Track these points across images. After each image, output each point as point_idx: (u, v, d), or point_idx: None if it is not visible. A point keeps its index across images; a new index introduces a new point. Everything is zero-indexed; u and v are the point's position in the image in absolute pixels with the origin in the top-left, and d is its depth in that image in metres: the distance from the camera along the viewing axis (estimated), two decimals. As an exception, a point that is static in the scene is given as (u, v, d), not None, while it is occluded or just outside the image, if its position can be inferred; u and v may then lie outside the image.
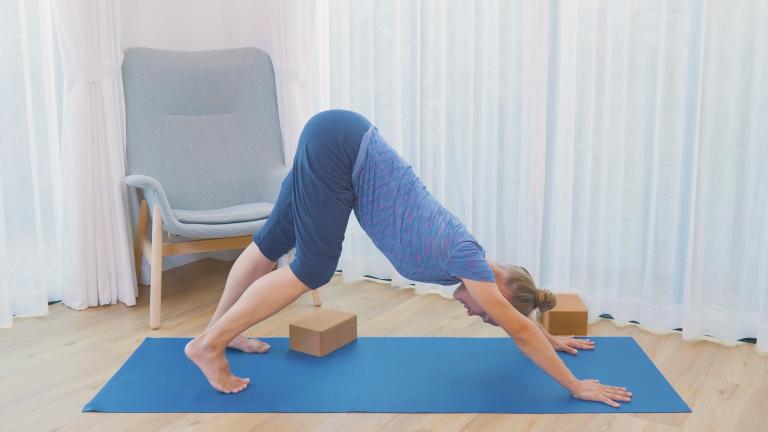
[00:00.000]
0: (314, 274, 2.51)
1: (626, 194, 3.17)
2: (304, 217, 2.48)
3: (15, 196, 3.32)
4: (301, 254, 2.51)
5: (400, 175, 2.51)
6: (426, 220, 2.49)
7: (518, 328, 2.41)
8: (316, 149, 2.45)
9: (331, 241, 2.49)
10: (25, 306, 3.30)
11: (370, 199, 2.51)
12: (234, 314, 2.51)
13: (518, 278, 2.59)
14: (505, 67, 3.36)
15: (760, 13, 2.79)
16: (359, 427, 2.31)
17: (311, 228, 2.47)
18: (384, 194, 2.50)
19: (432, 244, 2.47)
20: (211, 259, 4.26)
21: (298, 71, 3.68)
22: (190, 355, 2.53)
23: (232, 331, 2.51)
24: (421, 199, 2.52)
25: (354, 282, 3.82)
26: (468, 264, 2.44)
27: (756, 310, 2.98)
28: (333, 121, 2.49)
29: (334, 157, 2.44)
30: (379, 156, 2.49)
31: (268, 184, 3.63)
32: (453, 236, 2.47)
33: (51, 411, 2.43)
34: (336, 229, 2.49)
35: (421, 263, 2.51)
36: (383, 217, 2.51)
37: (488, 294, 2.43)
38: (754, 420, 2.36)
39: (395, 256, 2.54)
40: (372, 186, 2.49)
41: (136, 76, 3.49)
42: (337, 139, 2.45)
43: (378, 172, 2.48)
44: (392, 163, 2.51)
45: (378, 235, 2.55)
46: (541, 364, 2.43)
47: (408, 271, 2.56)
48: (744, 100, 2.89)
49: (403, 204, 2.50)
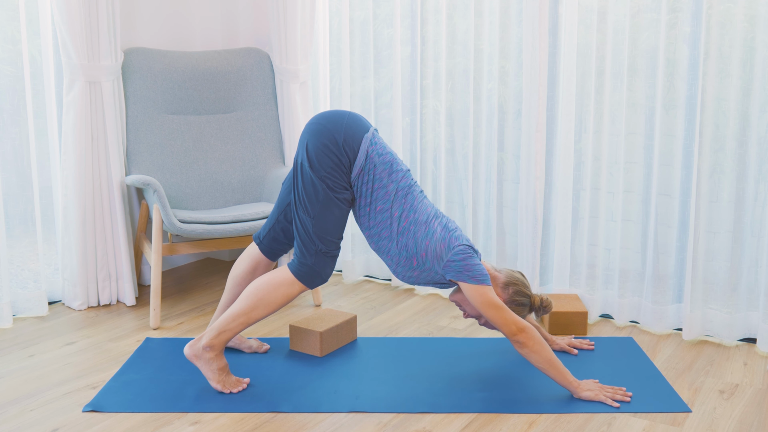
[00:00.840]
0: (312, 274, 2.51)
1: (626, 194, 3.17)
2: (303, 216, 2.48)
3: (15, 196, 3.32)
4: (299, 253, 2.51)
5: (398, 178, 2.51)
6: (422, 224, 2.49)
7: (515, 331, 2.41)
8: (316, 149, 2.45)
9: (329, 241, 2.49)
10: (25, 306, 3.30)
11: (368, 200, 2.51)
12: (232, 314, 2.51)
13: (515, 282, 2.58)
14: (505, 67, 3.36)
15: (760, 13, 2.79)
16: (359, 427, 2.31)
17: (310, 227, 2.47)
18: (382, 196, 2.49)
19: (428, 248, 2.47)
20: (211, 259, 4.26)
21: (298, 71, 3.68)
22: (189, 356, 2.53)
23: (231, 331, 2.51)
24: (418, 203, 2.52)
25: (354, 282, 3.82)
26: (464, 267, 2.43)
27: (756, 310, 2.98)
28: (334, 121, 2.48)
29: (334, 157, 2.44)
30: (378, 158, 2.49)
31: (268, 184, 3.63)
32: (449, 240, 2.47)
33: (51, 411, 2.43)
34: (335, 229, 2.49)
35: (417, 267, 2.51)
36: (380, 220, 2.51)
37: (485, 297, 2.42)
38: (754, 420, 2.36)
39: (391, 259, 2.54)
40: (370, 188, 2.49)
41: (136, 76, 3.49)
42: (338, 139, 2.45)
43: (377, 174, 2.48)
44: (391, 165, 2.51)
45: (374, 237, 2.55)
46: (540, 365, 2.43)
47: (404, 275, 2.56)
48: (744, 100, 2.89)
49: (400, 207, 2.50)
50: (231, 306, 2.54)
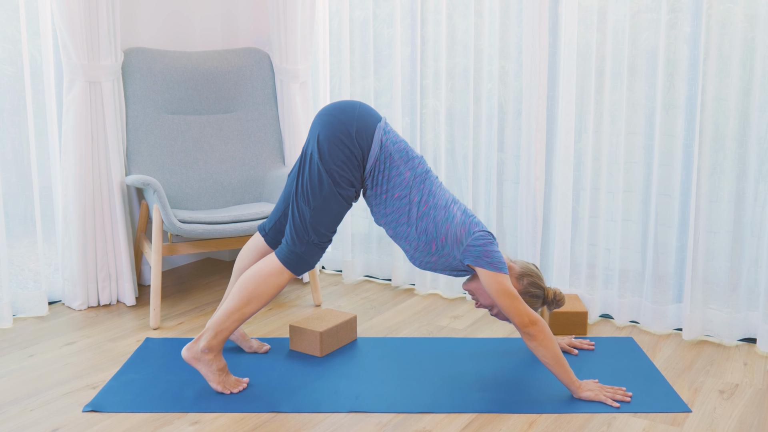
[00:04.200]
0: (300, 261, 2.51)
1: (626, 194, 3.17)
2: (302, 206, 2.47)
3: (15, 196, 3.32)
4: (290, 241, 2.50)
5: (414, 165, 2.51)
6: (442, 208, 2.49)
7: (527, 323, 2.41)
8: (328, 140, 2.44)
9: (323, 234, 2.49)
10: (25, 306, 3.30)
11: (384, 188, 2.50)
12: (226, 312, 2.51)
13: (530, 273, 2.59)
14: (505, 67, 3.36)
15: (760, 13, 2.80)
16: (359, 427, 2.31)
17: (307, 218, 2.46)
18: (399, 183, 2.49)
19: (448, 231, 2.47)
20: (211, 259, 4.26)
21: (298, 71, 3.68)
22: (187, 359, 2.53)
23: (227, 330, 2.51)
24: (436, 188, 2.52)
25: (354, 282, 3.82)
26: (483, 253, 2.44)
27: (756, 310, 2.98)
28: (346, 112, 2.47)
29: (347, 150, 2.43)
30: (393, 146, 2.49)
31: (268, 184, 3.63)
32: (469, 225, 2.48)
33: (51, 411, 2.43)
34: (331, 224, 2.49)
35: (435, 252, 2.51)
36: (398, 206, 2.50)
37: (501, 285, 2.42)
38: (754, 420, 2.36)
39: (410, 244, 2.54)
40: (387, 176, 2.49)
41: (136, 76, 3.49)
42: (351, 130, 2.44)
43: (393, 162, 2.48)
44: (407, 153, 2.51)
45: (392, 224, 2.54)
46: (546, 360, 2.43)
47: (422, 260, 2.56)
48: (744, 100, 2.89)
49: (419, 192, 2.49)
50: (224, 304, 2.54)
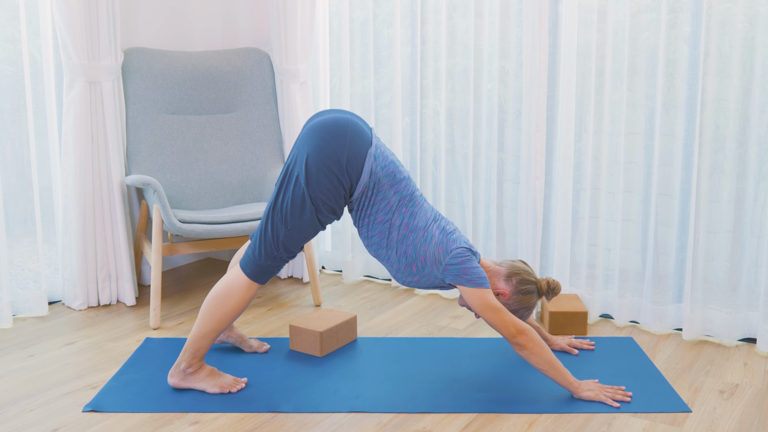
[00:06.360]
0: (266, 273, 2.47)
1: (626, 194, 3.17)
2: (278, 223, 2.41)
3: (15, 196, 3.32)
4: (257, 254, 2.45)
5: (401, 187, 2.47)
6: (421, 230, 2.46)
7: (515, 333, 2.40)
8: (317, 167, 2.35)
9: (292, 251, 2.46)
10: (25, 306, 3.30)
11: (368, 212, 2.47)
12: (200, 332, 2.48)
13: (517, 272, 2.58)
14: (505, 67, 3.36)
15: (760, 13, 2.80)
16: (359, 427, 2.31)
17: (281, 237, 2.41)
18: (383, 207, 2.45)
19: (426, 253, 2.45)
20: (211, 259, 4.26)
21: (298, 71, 3.68)
22: (176, 384, 2.53)
23: (204, 348, 2.51)
24: (417, 209, 2.49)
25: (354, 282, 3.82)
26: (462, 271, 2.42)
27: (756, 310, 2.98)
28: (338, 136, 2.37)
29: (334, 179, 2.37)
30: (382, 171, 2.42)
31: (268, 184, 3.63)
32: (446, 243, 2.45)
33: (51, 411, 2.43)
34: (302, 242, 2.46)
35: (416, 272, 2.50)
36: (380, 230, 2.47)
37: (483, 300, 2.42)
38: (754, 420, 2.36)
39: (391, 266, 2.52)
40: (373, 201, 2.45)
41: (136, 76, 3.49)
42: (341, 159, 2.36)
43: (380, 188, 2.44)
44: (394, 175, 2.45)
45: (374, 246, 2.51)
46: (540, 367, 2.42)
47: (405, 280, 2.55)
48: (744, 100, 2.89)
49: (400, 216, 2.46)
50: (197, 324, 2.49)
